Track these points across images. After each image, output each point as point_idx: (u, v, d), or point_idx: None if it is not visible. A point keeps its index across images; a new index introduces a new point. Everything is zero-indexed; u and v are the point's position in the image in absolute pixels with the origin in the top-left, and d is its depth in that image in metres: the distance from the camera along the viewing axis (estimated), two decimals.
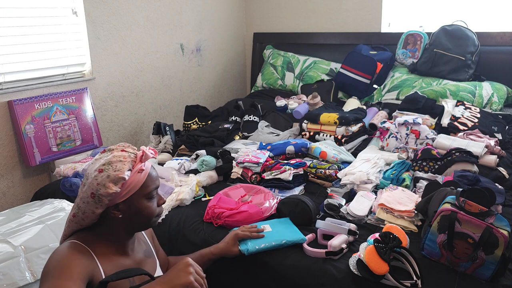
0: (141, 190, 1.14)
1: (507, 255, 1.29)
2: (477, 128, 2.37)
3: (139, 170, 1.14)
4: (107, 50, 2.77)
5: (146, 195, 1.15)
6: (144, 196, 1.15)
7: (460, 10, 3.14)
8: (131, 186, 1.12)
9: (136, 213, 1.15)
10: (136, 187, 1.13)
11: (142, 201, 1.15)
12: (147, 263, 1.25)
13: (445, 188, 1.60)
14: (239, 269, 1.54)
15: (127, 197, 1.12)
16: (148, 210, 1.16)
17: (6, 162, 2.31)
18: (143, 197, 1.15)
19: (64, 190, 2.04)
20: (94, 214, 1.12)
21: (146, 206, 1.16)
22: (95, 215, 1.12)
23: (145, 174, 1.15)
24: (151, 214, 1.17)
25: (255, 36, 3.99)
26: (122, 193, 1.11)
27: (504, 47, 2.95)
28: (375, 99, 3.10)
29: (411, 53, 3.16)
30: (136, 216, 1.15)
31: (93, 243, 1.13)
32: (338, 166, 2.07)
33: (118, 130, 2.93)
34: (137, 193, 1.13)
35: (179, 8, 3.29)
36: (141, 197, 1.14)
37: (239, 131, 2.76)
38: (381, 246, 1.32)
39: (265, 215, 1.69)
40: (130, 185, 1.12)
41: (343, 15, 3.56)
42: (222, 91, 3.92)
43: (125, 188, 1.12)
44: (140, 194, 1.14)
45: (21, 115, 2.28)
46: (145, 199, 1.15)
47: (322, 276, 1.39)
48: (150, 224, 1.20)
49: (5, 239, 1.46)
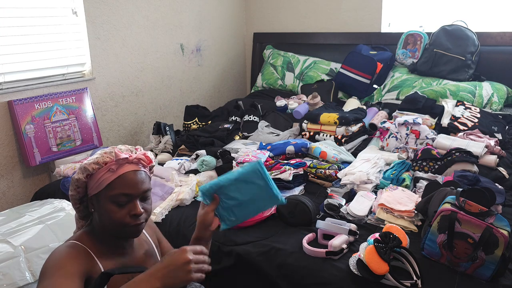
0: (107, 190, 1.09)
1: (507, 255, 1.29)
2: (477, 128, 2.37)
3: (110, 168, 1.10)
4: (107, 50, 2.77)
5: (112, 197, 1.09)
6: (109, 197, 1.09)
7: (460, 10, 3.14)
8: (99, 182, 1.10)
9: (102, 213, 1.11)
10: (102, 184, 1.09)
11: (107, 203, 1.09)
12: (148, 263, 1.24)
13: (445, 188, 1.60)
14: (239, 269, 1.54)
15: (94, 192, 1.11)
16: (112, 215, 1.09)
17: (6, 162, 2.31)
18: (108, 199, 1.09)
19: (64, 190, 2.04)
20: (72, 198, 1.15)
21: (111, 210, 1.09)
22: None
23: (116, 174, 1.09)
24: (115, 219, 1.10)
25: (255, 36, 3.99)
26: (93, 186, 1.11)
27: (504, 47, 2.95)
28: (375, 99, 3.10)
29: (411, 53, 3.16)
30: (103, 217, 1.11)
31: (91, 242, 1.13)
32: (338, 166, 2.07)
33: (118, 130, 2.93)
34: (103, 192, 1.10)
35: (179, 8, 3.29)
36: (106, 198, 1.09)
37: (239, 131, 2.76)
38: (381, 246, 1.32)
39: (265, 215, 1.69)
40: (98, 180, 1.10)
41: (343, 15, 3.56)
42: (222, 91, 3.92)
43: (93, 182, 1.11)
44: (106, 194, 1.09)
45: (21, 115, 2.28)
46: (110, 202, 1.09)
47: (322, 276, 1.39)
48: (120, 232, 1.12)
49: (5, 239, 1.46)
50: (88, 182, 1.12)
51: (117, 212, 1.09)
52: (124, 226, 1.10)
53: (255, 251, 1.53)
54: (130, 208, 1.10)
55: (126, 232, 1.12)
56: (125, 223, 1.10)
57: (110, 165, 1.10)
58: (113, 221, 1.09)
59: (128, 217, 1.10)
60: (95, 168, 1.10)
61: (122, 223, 1.10)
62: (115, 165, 1.10)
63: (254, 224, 1.67)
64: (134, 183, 1.11)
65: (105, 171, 1.10)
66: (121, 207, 1.10)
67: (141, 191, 1.12)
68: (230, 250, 1.57)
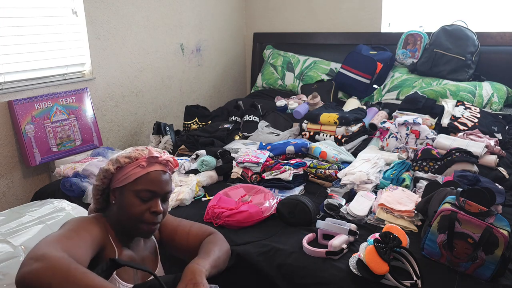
0: (133, 184, 1.15)
1: (507, 255, 1.29)
2: (477, 128, 2.37)
3: (140, 164, 1.16)
4: (107, 50, 2.77)
5: (137, 191, 1.15)
6: (134, 191, 1.15)
7: (460, 10, 3.14)
8: (127, 175, 1.16)
9: (123, 206, 1.16)
10: (130, 178, 1.15)
11: (131, 196, 1.15)
12: (150, 259, 1.28)
13: (445, 188, 1.60)
14: (239, 269, 1.54)
15: (121, 184, 1.16)
16: (133, 208, 1.15)
17: (6, 162, 2.31)
18: (133, 193, 1.15)
19: (64, 190, 2.04)
20: (94, 187, 1.21)
21: (133, 203, 1.15)
22: (94, 188, 1.21)
23: (144, 171, 1.16)
24: (135, 213, 1.15)
25: (255, 36, 3.99)
26: (119, 178, 1.16)
27: (504, 47, 2.95)
28: (375, 99, 3.10)
29: (411, 53, 3.16)
30: (123, 209, 1.16)
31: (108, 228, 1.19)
32: (338, 166, 2.07)
33: (118, 130, 2.93)
34: (129, 185, 1.15)
35: (179, 8, 3.29)
36: (131, 191, 1.15)
37: (239, 131, 2.76)
38: (381, 246, 1.32)
39: (265, 215, 1.69)
40: (126, 174, 1.16)
41: (343, 15, 3.56)
42: (222, 91, 3.92)
43: (121, 174, 1.16)
44: (131, 187, 1.15)
45: (21, 115, 2.28)
46: (134, 196, 1.15)
47: (322, 276, 1.39)
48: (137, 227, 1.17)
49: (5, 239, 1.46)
50: (115, 174, 1.18)
51: (138, 206, 1.15)
52: (141, 221, 1.16)
53: (255, 251, 1.53)
54: (151, 205, 1.17)
55: (140, 228, 1.18)
56: (143, 218, 1.16)
57: (140, 161, 1.17)
58: (132, 214, 1.15)
59: (147, 213, 1.16)
60: (126, 162, 1.17)
61: (140, 217, 1.16)
62: (145, 162, 1.17)
63: (254, 224, 1.67)
64: (159, 182, 1.18)
65: (135, 166, 1.16)
66: (143, 202, 1.16)
67: (164, 191, 1.19)
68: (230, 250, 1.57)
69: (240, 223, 1.65)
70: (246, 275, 1.54)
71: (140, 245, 1.27)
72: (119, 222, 1.19)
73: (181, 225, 1.36)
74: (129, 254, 1.20)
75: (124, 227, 1.19)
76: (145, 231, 1.19)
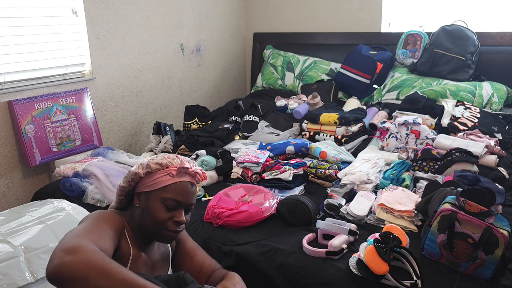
0: (160, 191, 1.16)
1: (507, 255, 1.29)
2: (477, 128, 2.37)
3: (170, 173, 1.17)
4: (107, 50, 2.77)
5: (163, 199, 1.15)
6: (161, 198, 1.16)
7: (460, 10, 3.14)
8: (155, 182, 1.16)
9: (148, 210, 1.16)
10: (158, 185, 1.16)
11: (157, 203, 1.16)
12: (160, 264, 1.28)
13: (445, 188, 1.60)
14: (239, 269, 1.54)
15: (148, 189, 1.17)
16: (158, 214, 1.15)
17: (6, 162, 2.31)
18: (160, 200, 1.16)
19: (64, 190, 2.04)
20: (119, 188, 1.22)
21: (158, 209, 1.15)
22: (119, 188, 1.22)
23: (173, 180, 1.16)
24: (159, 219, 1.16)
25: (255, 36, 3.99)
26: (147, 183, 1.17)
27: (504, 47, 2.95)
28: (375, 99, 3.10)
29: (411, 53, 3.16)
30: (147, 214, 1.17)
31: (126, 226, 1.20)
32: (338, 166, 2.07)
33: (118, 130, 2.93)
34: (156, 191, 1.16)
35: (179, 8, 3.29)
36: (158, 198, 1.16)
37: (239, 131, 2.76)
38: (381, 246, 1.32)
39: (265, 215, 1.69)
40: (154, 179, 1.17)
41: (343, 15, 3.56)
42: (222, 91, 3.92)
43: (149, 179, 1.17)
44: (158, 194, 1.16)
45: (21, 115, 2.28)
46: (160, 203, 1.16)
47: (322, 276, 1.39)
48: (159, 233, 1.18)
49: (5, 239, 1.46)
50: (143, 178, 1.19)
51: (163, 214, 1.16)
52: (163, 228, 1.17)
53: (255, 251, 1.53)
54: (175, 214, 1.18)
55: (161, 234, 1.19)
56: (165, 225, 1.17)
57: (171, 169, 1.17)
58: (155, 220, 1.16)
59: (170, 221, 1.17)
60: (156, 168, 1.17)
61: (163, 225, 1.16)
62: (175, 171, 1.17)
63: (254, 224, 1.67)
64: (187, 193, 1.19)
65: (164, 173, 1.17)
66: (168, 210, 1.17)
67: (189, 202, 1.20)
68: (230, 250, 1.57)
69: (240, 223, 1.65)
70: (246, 275, 1.54)
71: (154, 249, 1.27)
72: (140, 225, 1.19)
73: (198, 252, 1.37)
74: (141, 256, 1.20)
75: (145, 231, 1.19)
76: (165, 238, 1.20)
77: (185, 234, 1.39)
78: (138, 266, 1.16)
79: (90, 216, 1.12)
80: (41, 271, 1.39)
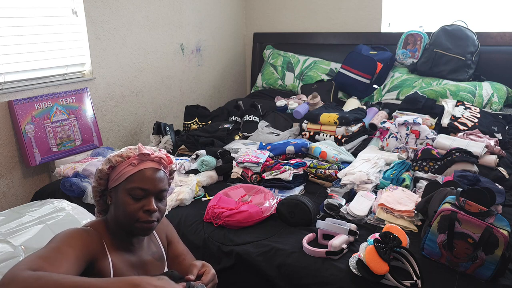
0: (126, 183, 1.14)
1: (507, 255, 1.29)
2: (477, 128, 2.37)
3: (132, 162, 1.15)
4: (107, 50, 2.77)
5: (129, 189, 1.13)
6: (127, 190, 1.13)
7: (460, 10, 3.14)
8: (120, 175, 1.15)
9: (118, 205, 1.15)
10: (122, 177, 1.14)
11: (124, 195, 1.14)
12: (154, 265, 1.25)
13: (445, 188, 1.60)
14: (239, 269, 1.54)
15: (115, 184, 1.15)
16: (127, 206, 1.13)
17: (6, 162, 2.31)
18: (126, 191, 1.14)
19: (64, 190, 2.04)
20: (94, 190, 1.21)
21: (126, 201, 1.13)
22: (92, 189, 1.22)
23: (136, 169, 1.14)
24: (128, 211, 1.13)
25: (255, 36, 3.99)
26: (113, 178, 1.16)
27: (504, 47, 2.95)
28: (375, 99, 3.10)
29: (411, 53, 3.16)
30: (118, 209, 1.15)
31: (105, 232, 1.17)
32: (338, 166, 2.07)
33: (118, 130, 2.93)
34: (122, 184, 1.14)
35: (179, 8, 3.29)
36: (124, 190, 1.14)
37: (239, 131, 2.76)
38: (381, 246, 1.32)
39: (265, 215, 1.69)
40: (119, 173, 1.15)
41: (343, 15, 3.56)
42: (222, 91, 3.92)
43: (114, 174, 1.16)
44: (124, 186, 1.14)
45: (21, 115, 2.28)
46: (127, 194, 1.13)
47: (322, 276, 1.39)
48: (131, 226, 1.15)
49: (5, 239, 1.46)
50: (110, 174, 1.17)
51: (132, 205, 1.13)
52: (136, 220, 1.14)
53: (255, 251, 1.53)
54: (145, 203, 1.14)
55: (136, 228, 1.16)
56: (137, 216, 1.14)
57: (132, 159, 1.16)
58: (126, 213, 1.14)
59: (141, 211, 1.14)
60: (118, 160, 1.16)
61: (134, 216, 1.14)
62: (137, 160, 1.16)
63: (254, 224, 1.67)
64: (152, 179, 1.15)
65: (126, 164, 1.15)
66: (137, 201, 1.14)
67: (158, 189, 1.16)
68: (230, 250, 1.57)
69: (240, 223, 1.65)
70: (246, 275, 1.54)
71: (142, 249, 1.24)
72: (116, 222, 1.18)
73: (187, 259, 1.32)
74: (127, 259, 1.18)
75: (121, 228, 1.17)
76: (140, 230, 1.16)
77: (177, 237, 1.37)
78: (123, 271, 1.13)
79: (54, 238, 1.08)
80: None
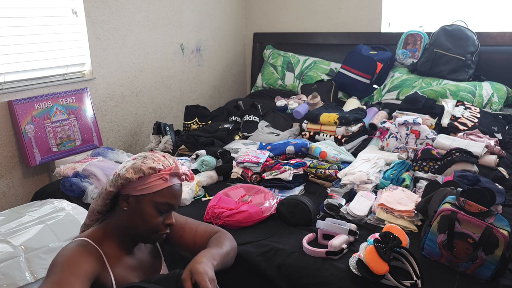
0: (153, 195, 1.14)
1: (507, 255, 1.29)
2: (477, 128, 2.37)
3: (163, 177, 1.15)
4: (107, 50, 2.77)
5: (156, 203, 1.14)
6: (154, 203, 1.14)
7: (460, 10, 3.14)
8: (148, 186, 1.14)
9: (139, 215, 1.15)
10: (151, 189, 1.14)
11: (150, 207, 1.14)
12: (151, 263, 1.27)
13: (445, 188, 1.60)
14: (239, 269, 1.54)
15: (139, 193, 1.14)
16: (151, 219, 1.15)
17: (6, 162, 2.31)
18: (152, 204, 1.14)
19: (64, 190, 2.04)
20: (106, 192, 1.16)
21: (151, 214, 1.15)
22: (107, 193, 1.16)
23: (166, 184, 1.15)
24: (152, 224, 1.15)
25: (255, 36, 3.99)
26: (137, 186, 1.14)
27: (504, 47, 2.95)
28: (375, 99, 3.10)
29: (411, 53, 3.16)
30: (138, 218, 1.15)
31: (103, 239, 1.16)
32: (338, 166, 2.07)
33: (118, 130, 2.93)
34: (149, 196, 1.14)
35: (179, 8, 3.29)
36: (150, 202, 1.14)
37: (239, 131, 2.76)
38: (381, 246, 1.32)
39: (265, 215, 1.69)
40: (147, 184, 1.14)
41: (343, 15, 3.56)
42: (222, 91, 3.92)
43: (141, 183, 1.14)
44: (151, 198, 1.14)
45: (21, 115, 2.28)
46: (153, 207, 1.15)
47: (322, 276, 1.39)
48: (148, 237, 1.18)
49: (5, 239, 1.46)
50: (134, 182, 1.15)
51: (156, 218, 1.15)
52: (156, 231, 1.17)
53: (255, 251, 1.53)
54: (166, 217, 1.18)
55: (152, 238, 1.19)
56: (158, 229, 1.17)
57: (163, 173, 1.15)
58: (148, 225, 1.15)
59: (162, 224, 1.17)
60: (149, 172, 1.14)
61: (155, 228, 1.17)
62: (168, 176, 1.16)
63: (254, 224, 1.67)
64: (178, 195, 1.19)
65: (157, 177, 1.15)
66: (161, 214, 1.17)
67: (179, 204, 1.21)
68: None
69: (240, 223, 1.65)
70: (246, 275, 1.54)
71: (141, 249, 1.26)
72: (128, 228, 1.17)
73: (188, 223, 1.36)
74: (126, 262, 1.19)
75: (134, 234, 1.18)
76: (154, 240, 1.20)
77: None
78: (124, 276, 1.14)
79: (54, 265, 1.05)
80: (41, 271, 1.39)
